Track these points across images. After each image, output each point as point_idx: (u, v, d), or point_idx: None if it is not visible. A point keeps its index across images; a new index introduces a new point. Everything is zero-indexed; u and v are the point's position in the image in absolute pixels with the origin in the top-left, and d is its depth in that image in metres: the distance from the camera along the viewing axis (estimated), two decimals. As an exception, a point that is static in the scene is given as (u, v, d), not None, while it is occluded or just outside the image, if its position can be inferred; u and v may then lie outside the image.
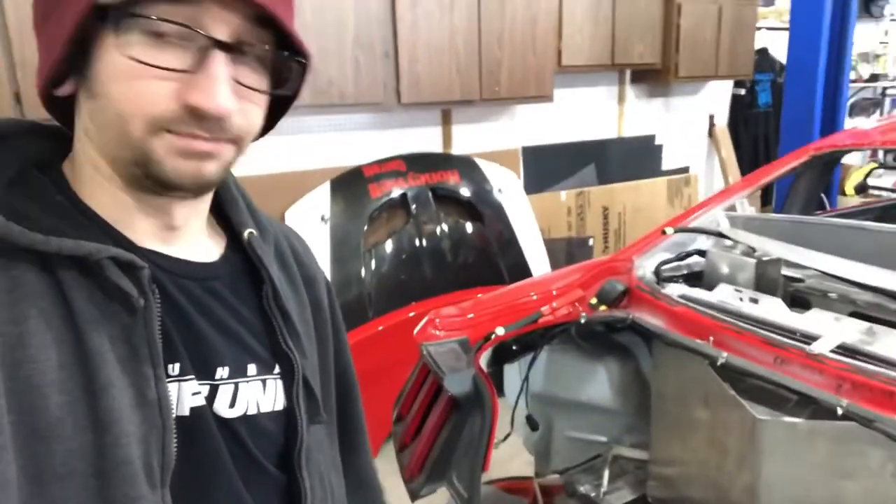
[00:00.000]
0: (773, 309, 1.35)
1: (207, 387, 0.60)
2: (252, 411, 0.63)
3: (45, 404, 0.50)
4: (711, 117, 4.74)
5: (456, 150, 3.69)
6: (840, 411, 1.04)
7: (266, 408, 0.64)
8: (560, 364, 1.79)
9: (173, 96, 0.53)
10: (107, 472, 0.52)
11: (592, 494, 1.67)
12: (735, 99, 4.89)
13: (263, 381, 0.64)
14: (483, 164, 3.58)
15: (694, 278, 1.64)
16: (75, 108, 0.59)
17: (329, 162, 3.28)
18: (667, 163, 4.52)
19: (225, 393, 0.61)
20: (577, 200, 4.09)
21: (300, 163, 3.23)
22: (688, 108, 4.61)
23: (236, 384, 0.62)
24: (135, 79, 0.53)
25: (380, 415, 1.57)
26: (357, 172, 3.26)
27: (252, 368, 0.64)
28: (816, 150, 1.99)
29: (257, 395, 0.64)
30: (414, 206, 3.28)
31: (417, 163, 3.39)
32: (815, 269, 1.46)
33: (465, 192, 3.45)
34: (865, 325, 1.23)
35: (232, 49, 0.55)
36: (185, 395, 0.58)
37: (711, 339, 1.29)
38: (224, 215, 0.70)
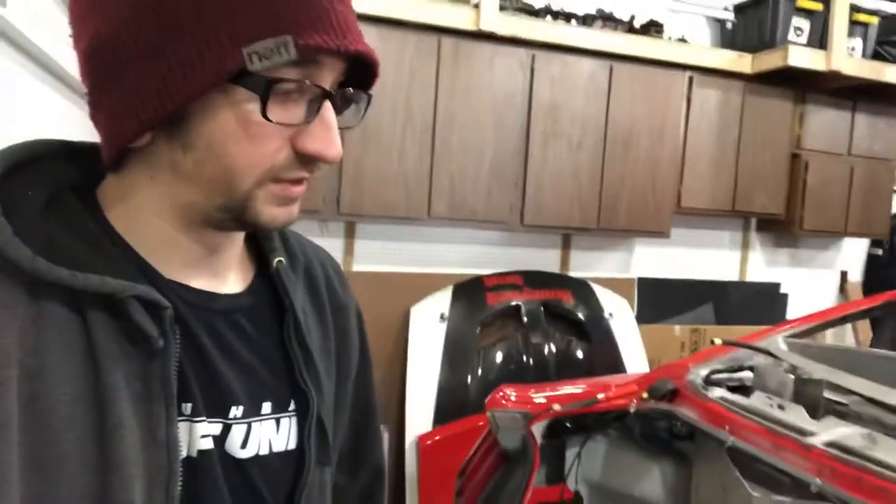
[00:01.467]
0: (793, 414, 1.52)
1: (220, 426, 0.60)
2: (264, 451, 0.63)
3: (56, 439, 0.50)
4: (844, 273, 4.70)
5: (573, 273, 3.99)
6: (814, 489, 1.20)
7: (279, 447, 0.64)
8: (619, 458, 1.99)
9: (288, 146, 0.56)
10: None
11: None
12: (872, 258, 4.83)
13: (277, 420, 0.64)
14: (597, 289, 3.84)
15: (742, 389, 1.81)
16: (137, 153, 0.58)
17: (457, 269, 3.72)
18: (792, 312, 4.51)
19: (238, 433, 0.61)
20: (692, 336, 4.19)
21: (432, 266, 3.69)
22: (818, 262, 4.62)
23: (249, 424, 0.62)
24: (255, 136, 0.54)
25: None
26: (478, 281, 3.66)
27: (267, 407, 0.64)
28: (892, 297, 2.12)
29: (270, 434, 0.64)
30: (525, 318, 3.59)
31: (534, 279, 3.73)
32: (851, 391, 1.60)
33: (577, 312, 3.71)
34: (868, 432, 1.37)
35: (335, 97, 0.58)
36: (195, 436, 0.58)
37: (727, 427, 1.47)
38: (255, 241, 0.71)
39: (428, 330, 3.46)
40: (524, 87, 3.45)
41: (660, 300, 4.22)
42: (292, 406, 0.66)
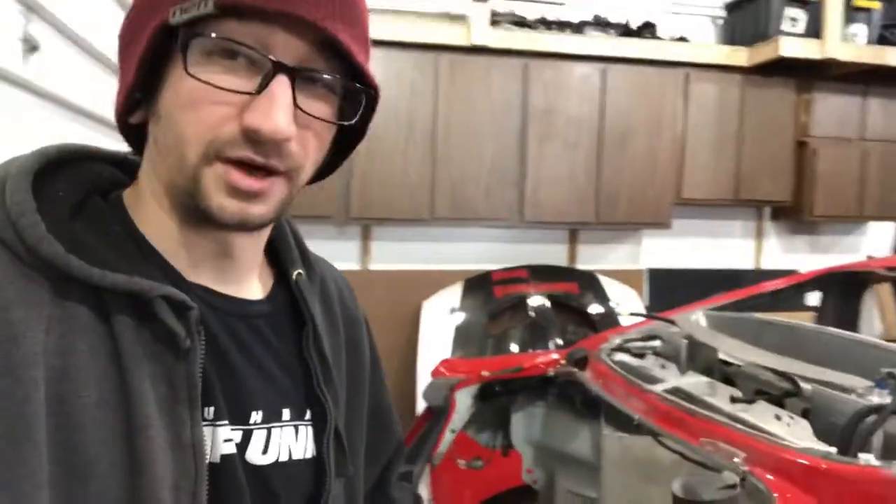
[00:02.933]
0: (664, 372, 1.74)
1: (241, 432, 0.60)
2: (284, 458, 0.63)
3: (84, 441, 0.50)
4: (870, 258, 4.66)
5: (581, 267, 4.20)
6: (635, 422, 1.44)
7: (298, 455, 0.64)
8: (556, 420, 2.23)
9: (233, 119, 0.54)
10: None
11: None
12: (902, 241, 4.76)
13: (296, 427, 0.64)
14: (604, 280, 4.04)
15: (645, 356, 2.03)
16: (146, 138, 0.60)
17: (467, 265, 4.01)
18: (812, 299, 4.52)
19: (258, 439, 0.61)
20: (707, 325, 4.30)
21: (443, 264, 4.00)
22: (841, 248, 4.62)
23: (269, 429, 0.62)
24: (199, 102, 0.54)
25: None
26: (486, 276, 3.93)
27: (286, 413, 0.64)
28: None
29: (290, 441, 0.64)
30: (532, 310, 3.83)
31: (540, 273, 3.97)
32: (727, 354, 1.80)
33: (583, 303, 3.92)
34: (717, 383, 1.58)
35: (296, 73, 0.55)
36: (218, 440, 0.58)
37: (601, 382, 1.71)
38: (274, 252, 0.71)
39: (438, 322, 3.76)
40: (519, 93, 3.71)
41: (671, 290, 4.34)
42: (308, 416, 0.66)
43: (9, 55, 1.17)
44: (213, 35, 0.53)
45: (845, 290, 2.38)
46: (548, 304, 3.85)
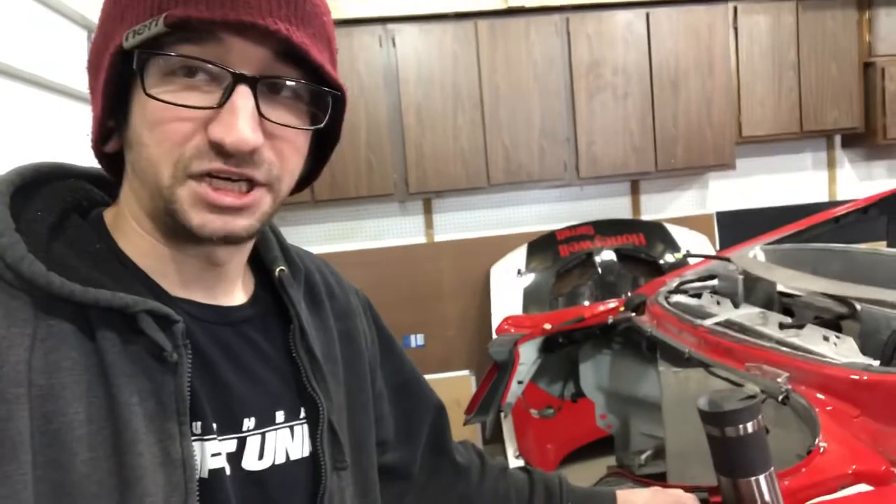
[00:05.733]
0: (721, 308, 1.76)
1: (235, 441, 0.60)
2: (280, 460, 0.63)
3: (71, 460, 0.49)
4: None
5: (647, 217, 4.17)
6: (686, 356, 1.48)
7: (295, 455, 0.64)
8: (623, 366, 2.28)
9: (199, 133, 0.54)
10: None
11: (631, 464, 2.11)
12: None
13: (291, 428, 0.64)
14: (671, 228, 4.01)
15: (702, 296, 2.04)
16: (124, 165, 0.60)
17: (531, 227, 4.06)
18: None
19: (253, 445, 0.61)
20: (783, 263, 4.20)
21: (507, 228, 4.06)
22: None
23: (263, 434, 0.62)
24: (162, 122, 0.54)
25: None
26: (551, 236, 3.98)
27: (280, 416, 0.64)
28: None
29: (286, 442, 0.64)
30: (599, 265, 3.86)
31: (605, 228, 3.98)
32: (784, 285, 1.81)
33: (651, 253, 3.91)
34: (769, 313, 1.60)
35: (256, 83, 0.55)
36: (206, 455, 0.57)
37: (655, 323, 1.75)
38: (255, 251, 0.70)
39: (508, 285, 3.85)
40: (562, 50, 3.70)
41: (743, 232, 4.24)
42: (303, 413, 0.65)
43: None
44: (171, 54, 0.53)
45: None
46: (615, 258, 3.87)
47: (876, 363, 1.20)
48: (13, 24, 1.75)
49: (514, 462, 3.03)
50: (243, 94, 0.54)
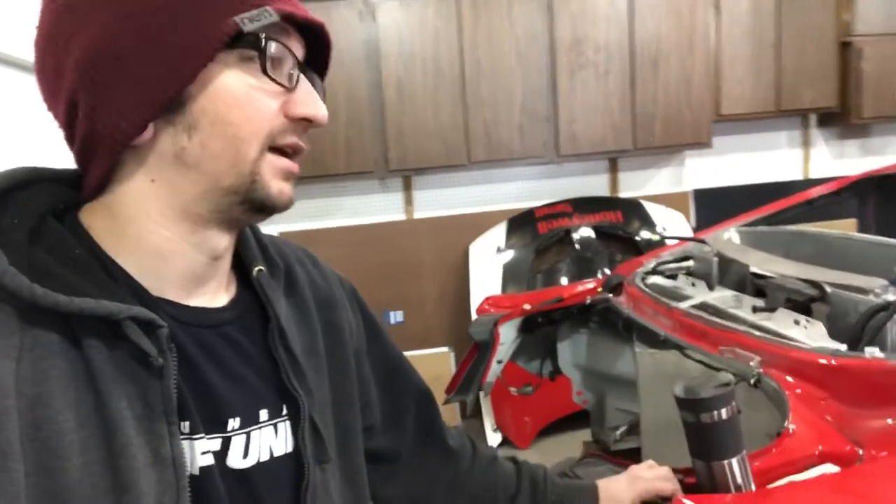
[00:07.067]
0: (696, 290, 1.80)
1: (219, 440, 0.61)
2: (265, 457, 0.64)
3: (64, 466, 0.50)
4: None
5: (624, 195, 4.21)
6: (661, 338, 1.51)
7: (279, 451, 0.66)
8: (600, 345, 2.33)
9: (281, 112, 0.61)
10: None
11: (606, 439, 2.17)
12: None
13: (275, 426, 0.66)
14: (648, 206, 4.05)
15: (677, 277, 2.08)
16: (123, 161, 0.59)
17: (509, 205, 4.08)
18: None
19: (237, 444, 0.63)
20: (757, 240, 4.27)
21: (486, 205, 4.08)
22: (895, 148, 4.47)
23: (248, 433, 0.63)
24: (254, 99, 0.59)
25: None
26: (529, 213, 4.00)
27: (264, 414, 0.65)
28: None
29: (270, 440, 0.65)
30: (577, 242, 3.89)
31: (583, 205, 4.01)
32: (757, 267, 1.85)
33: (628, 230, 3.96)
34: (742, 296, 1.64)
35: (305, 69, 0.63)
36: (196, 453, 0.59)
37: (632, 304, 1.79)
38: (236, 250, 0.71)
39: (487, 263, 3.87)
40: (545, 27, 3.69)
41: (719, 210, 4.31)
42: (285, 411, 0.67)
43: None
44: (282, 43, 0.60)
45: (884, 194, 2.36)
46: (593, 234, 3.90)
47: (843, 347, 1.24)
48: (20, 16, 1.70)
49: (492, 435, 3.11)
50: (305, 78, 0.62)
